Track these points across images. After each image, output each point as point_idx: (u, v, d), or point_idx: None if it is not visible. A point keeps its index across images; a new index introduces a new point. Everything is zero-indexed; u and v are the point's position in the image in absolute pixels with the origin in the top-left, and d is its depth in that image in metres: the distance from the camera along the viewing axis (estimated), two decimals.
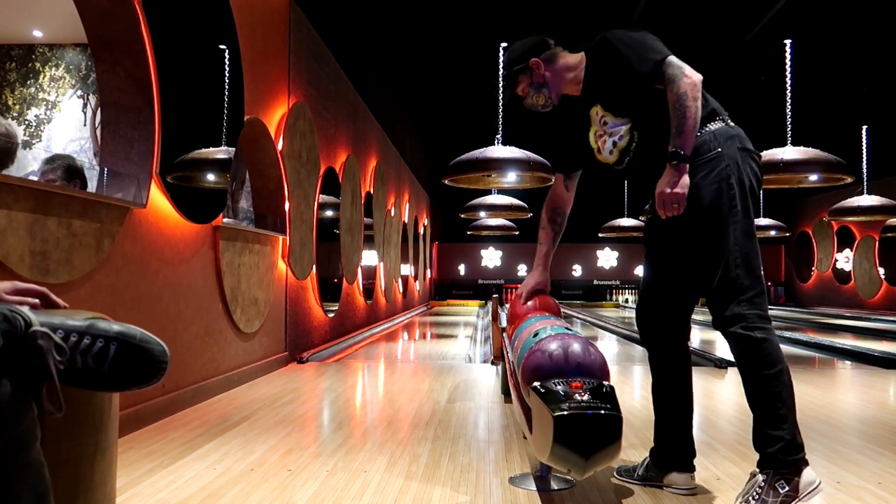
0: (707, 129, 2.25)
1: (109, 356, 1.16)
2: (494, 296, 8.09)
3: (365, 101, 9.29)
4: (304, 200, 6.17)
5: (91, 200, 3.02)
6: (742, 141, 2.27)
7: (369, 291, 9.55)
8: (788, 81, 7.61)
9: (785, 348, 8.44)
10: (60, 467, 1.26)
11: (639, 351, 7.51)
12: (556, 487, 2.40)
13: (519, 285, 2.93)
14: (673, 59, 2.21)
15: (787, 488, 2.07)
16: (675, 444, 2.46)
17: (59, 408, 1.14)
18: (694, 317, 3.22)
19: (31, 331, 1.13)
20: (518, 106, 2.63)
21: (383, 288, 10.72)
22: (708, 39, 10.70)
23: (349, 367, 5.83)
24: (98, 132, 6.55)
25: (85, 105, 6.83)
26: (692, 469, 2.45)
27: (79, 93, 6.83)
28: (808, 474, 2.09)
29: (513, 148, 6.71)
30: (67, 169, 3.31)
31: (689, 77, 2.17)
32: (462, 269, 21.22)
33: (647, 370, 5.40)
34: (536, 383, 2.03)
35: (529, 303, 2.77)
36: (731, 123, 2.31)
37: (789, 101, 7.64)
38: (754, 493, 2.10)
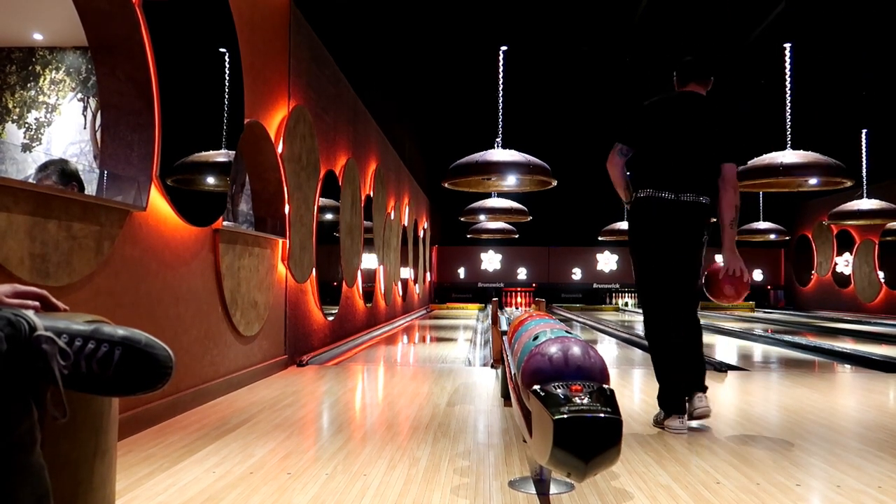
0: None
1: (114, 361, 1.16)
2: (494, 299, 8.09)
3: (365, 104, 9.30)
4: (304, 203, 6.17)
5: (91, 203, 3.02)
6: None
7: (369, 294, 9.55)
8: (788, 85, 7.61)
9: (784, 352, 8.45)
10: (60, 470, 1.25)
11: (638, 354, 7.51)
12: (555, 491, 2.40)
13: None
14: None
15: None
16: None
17: (63, 412, 1.14)
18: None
19: (35, 335, 1.13)
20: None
21: (383, 291, 10.72)
22: (708, 42, 10.71)
23: (349, 370, 5.82)
24: (98, 135, 6.56)
25: (85, 108, 6.84)
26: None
27: (79, 96, 6.84)
28: None
29: (512, 151, 6.71)
30: (61, 173, 3.29)
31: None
32: (462, 272, 21.21)
33: (646, 373, 5.41)
34: (536, 387, 2.03)
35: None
36: None
37: (789, 104, 7.65)
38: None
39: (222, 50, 4.41)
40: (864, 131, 10.70)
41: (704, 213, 3.32)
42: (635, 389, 4.84)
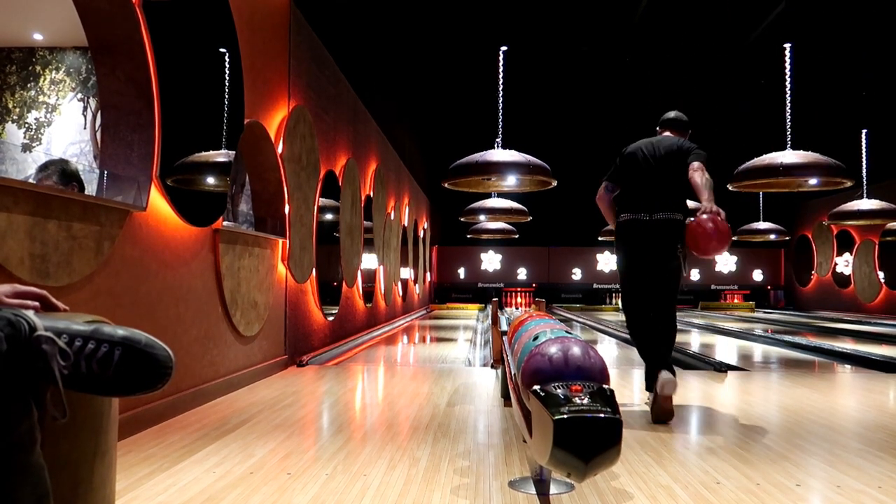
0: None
1: (114, 361, 1.16)
2: (494, 299, 8.08)
3: (365, 104, 9.30)
4: (304, 204, 6.17)
5: (91, 203, 3.02)
6: None
7: (369, 295, 9.55)
8: (788, 85, 7.61)
9: (784, 352, 8.45)
10: (60, 470, 1.25)
11: (638, 354, 7.51)
12: (555, 491, 2.40)
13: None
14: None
15: None
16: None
17: (63, 413, 1.14)
18: (693, 320, 3.43)
19: (35, 335, 1.13)
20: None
21: (383, 291, 10.72)
22: (708, 43, 10.71)
23: (349, 370, 5.82)
24: (98, 135, 6.56)
25: (85, 108, 6.83)
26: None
27: (79, 96, 6.84)
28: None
29: (512, 151, 6.71)
30: (62, 173, 3.29)
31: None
32: (462, 272, 21.20)
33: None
34: (536, 387, 2.03)
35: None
36: None
37: (789, 104, 7.65)
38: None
39: (222, 50, 4.41)
40: (864, 131, 10.70)
41: (677, 227, 3.83)
42: (635, 389, 4.84)
